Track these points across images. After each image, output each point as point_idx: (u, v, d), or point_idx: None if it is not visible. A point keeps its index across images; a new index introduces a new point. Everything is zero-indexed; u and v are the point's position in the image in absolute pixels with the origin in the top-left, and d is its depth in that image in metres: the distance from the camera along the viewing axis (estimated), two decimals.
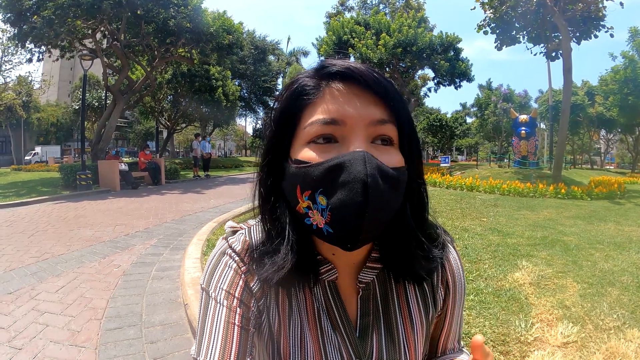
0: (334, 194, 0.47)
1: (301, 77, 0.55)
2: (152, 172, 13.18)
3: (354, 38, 19.90)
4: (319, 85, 0.52)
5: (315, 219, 0.49)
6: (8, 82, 21.76)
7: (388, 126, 0.51)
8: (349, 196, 0.45)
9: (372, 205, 0.45)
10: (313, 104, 0.52)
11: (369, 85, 0.50)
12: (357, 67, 0.51)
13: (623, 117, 22.72)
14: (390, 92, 0.52)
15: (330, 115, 0.50)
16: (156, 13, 13.14)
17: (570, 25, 11.29)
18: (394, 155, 0.51)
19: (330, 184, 0.47)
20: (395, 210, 0.51)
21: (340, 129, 0.50)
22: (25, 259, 4.42)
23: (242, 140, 55.00)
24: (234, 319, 0.54)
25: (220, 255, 0.59)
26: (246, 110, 36.90)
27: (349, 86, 0.51)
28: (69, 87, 42.16)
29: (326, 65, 0.53)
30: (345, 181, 0.46)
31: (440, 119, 39.38)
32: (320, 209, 0.48)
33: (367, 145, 0.49)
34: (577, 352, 2.22)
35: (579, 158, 34.84)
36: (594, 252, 4.15)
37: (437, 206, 6.91)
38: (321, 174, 0.48)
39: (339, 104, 0.50)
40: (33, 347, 2.47)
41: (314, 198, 0.48)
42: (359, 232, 0.46)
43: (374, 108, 0.51)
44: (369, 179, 0.45)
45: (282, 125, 0.54)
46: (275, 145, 0.55)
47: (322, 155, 0.49)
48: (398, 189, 0.50)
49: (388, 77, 0.54)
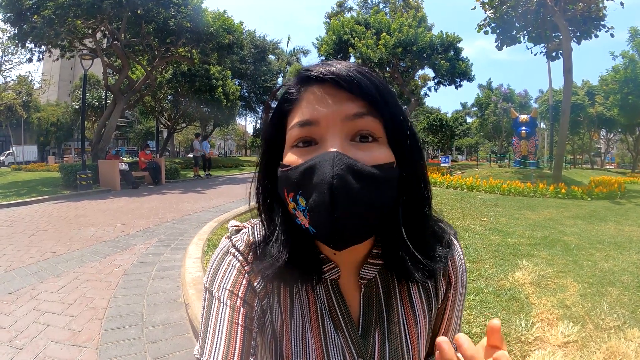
0: (310, 195, 0.48)
1: (286, 85, 0.57)
2: (152, 172, 13.19)
3: (354, 38, 19.89)
4: (299, 91, 0.53)
5: (302, 220, 0.51)
6: (8, 82, 21.78)
7: (366, 119, 0.50)
8: (319, 197, 0.46)
9: (340, 204, 0.45)
10: (294, 110, 0.53)
11: (341, 84, 0.50)
12: (331, 69, 0.51)
13: (623, 117, 22.70)
14: (365, 87, 0.50)
15: (305, 117, 0.51)
16: (156, 13, 13.14)
17: (571, 25, 11.29)
18: (377, 152, 0.50)
19: (306, 186, 0.48)
20: (382, 209, 0.50)
21: (317, 129, 0.50)
22: (26, 259, 4.43)
23: (242, 139, 54.94)
24: (238, 319, 0.54)
25: (223, 254, 0.59)
26: (246, 109, 36.88)
27: (325, 88, 0.51)
28: (69, 87, 42.16)
29: (304, 71, 0.54)
30: (316, 183, 0.47)
31: (441, 119, 39.33)
32: (301, 209, 0.50)
33: (343, 143, 0.49)
34: (577, 352, 2.22)
35: (579, 158, 34.83)
36: (594, 252, 4.15)
37: (438, 206, 6.74)
38: (298, 176, 0.49)
39: (313, 105, 0.51)
40: (34, 347, 2.47)
41: (296, 200, 0.50)
42: (335, 232, 0.47)
43: (348, 103, 0.50)
44: (335, 180, 0.45)
45: (271, 136, 0.56)
46: (267, 153, 0.57)
47: (302, 158, 0.50)
48: (381, 187, 0.49)
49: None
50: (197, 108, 25.20)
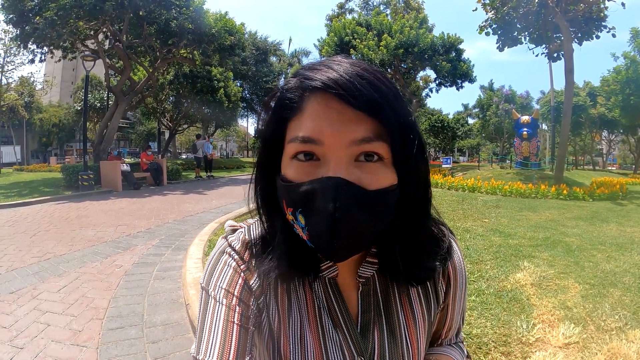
0: (310, 216, 0.48)
1: (284, 88, 0.52)
2: (154, 173, 13.20)
3: (355, 39, 19.91)
4: (302, 98, 0.49)
5: (300, 233, 0.51)
6: (10, 83, 21.86)
7: (374, 144, 0.47)
8: (319, 223, 0.46)
9: (341, 235, 0.46)
10: (295, 118, 0.50)
11: (349, 100, 0.45)
12: (337, 78, 0.46)
13: (625, 118, 22.68)
14: (376, 105, 0.46)
15: (307, 134, 0.47)
16: (158, 14, 13.18)
17: (572, 26, 11.28)
18: (382, 174, 0.48)
19: (307, 206, 0.48)
20: (381, 227, 0.50)
21: (320, 148, 0.47)
22: (27, 259, 4.43)
23: (243, 141, 55.02)
24: (234, 318, 0.54)
25: (219, 254, 0.59)
26: (248, 111, 36.95)
27: (329, 100, 0.47)
28: (71, 88, 42.30)
29: (307, 78, 0.49)
30: (318, 209, 0.46)
31: (442, 120, 39.31)
32: (300, 226, 0.49)
33: (347, 166, 0.47)
34: (578, 353, 2.22)
35: (581, 159, 34.73)
36: (595, 253, 4.14)
37: (439, 207, 6.76)
38: (299, 196, 0.48)
39: (317, 121, 0.47)
40: (35, 347, 2.48)
41: (296, 215, 0.49)
42: (334, 253, 0.48)
43: (356, 126, 0.46)
44: (337, 214, 0.45)
45: (268, 142, 0.54)
46: (266, 155, 0.55)
47: (303, 174, 0.48)
48: (382, 210, 0.49)
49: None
50: (199, 109, 25.26)
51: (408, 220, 0.53)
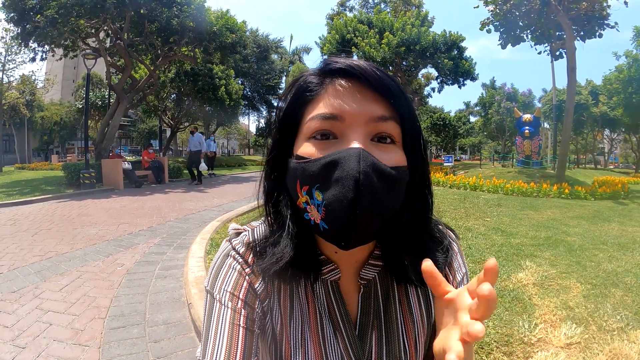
0: (329, 189, 0.47)
1: (305, 74, 0.56)
2: (155, 171, 13.22)
3: (357, 37, 19.89)
4: (322, 82, 0.53)
5: (313, 214, 0.50)
6: (12, 81, 21.86)
7: (389, 123, 0.51)
8: (342, 192, 0.46)
9: (364, 202, 0.45)
10: (315, 100, 0.53)
11: (370, 82, 0.50)
12: (359, 64, 0.51)
13: (627, 117, 22.60)
14: (393, 90, 0.51)
15: (330, 110, 0.51)
16: (159, 12, 13.14)
17: (575, 24, 11.23)
18: (394, 154, 0.51)
19: (326, 180, 0.48)
20: (392, 211, 0.51)
21: (339, 125, 0.50)
22: (29, 258, 4.44)
23: (245, 139, 55.05)
24: (239, 321, 0.54)
25: (224, 257, 0.60)
26: (249, 108, 36.95)
27: (351, 83, 0.51)
28: (72, 86, 42.32)
29: (329, 63, 0.53)
30: (339, 177, 0.46)
31: (444, 118, 39.14)
32: (316, 204, 0.49)
33: (366, 143, 0.50)
34: (580, 353, 2.21)
35: (583, 158, 34.69)
36: (597, 253, 4.13)
37: (441, 205, 6.90)
38: (317, 170, 0.48)
39: (339, 100, 0.51)
40: (36, 346, 2.48)
41: (311, 193, 0.49)
42: (351, 229, 0.47)
43: (375, 105, 0.51)
44: (361, 176, 0.45)
45: (286, 122, 0.55)
46: (279, 142, 0.56)
47: (320, 151, 0.50)
48: (396, 189, 0.50)
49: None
50: (200, 107, 25.25)
51: (414, 211, 0.55)
